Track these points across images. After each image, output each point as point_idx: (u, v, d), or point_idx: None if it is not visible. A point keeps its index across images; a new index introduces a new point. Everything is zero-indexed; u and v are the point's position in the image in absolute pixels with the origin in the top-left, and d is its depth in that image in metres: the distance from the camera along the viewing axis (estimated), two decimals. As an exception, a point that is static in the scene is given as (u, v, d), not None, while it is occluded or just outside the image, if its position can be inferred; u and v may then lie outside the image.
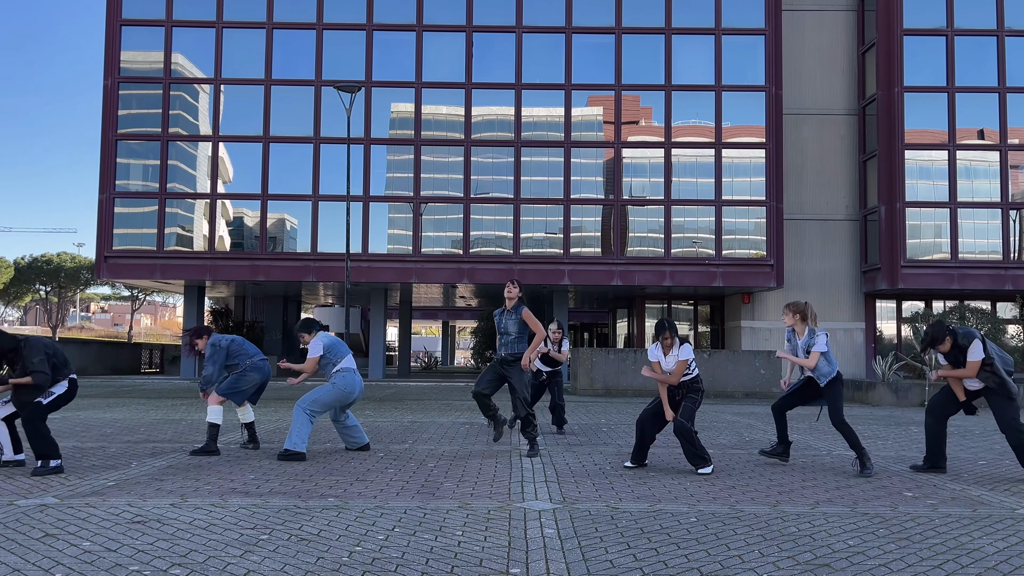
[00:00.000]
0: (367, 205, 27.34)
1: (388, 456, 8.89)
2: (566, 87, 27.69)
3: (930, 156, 27.53)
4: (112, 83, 27.39)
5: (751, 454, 9.46)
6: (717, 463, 8.69)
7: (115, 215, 27.24)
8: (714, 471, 8.04)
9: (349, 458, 8.72)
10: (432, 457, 8.85)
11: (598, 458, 8.96)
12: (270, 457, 8.72)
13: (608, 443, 10.31)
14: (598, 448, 9.83)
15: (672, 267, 27.13)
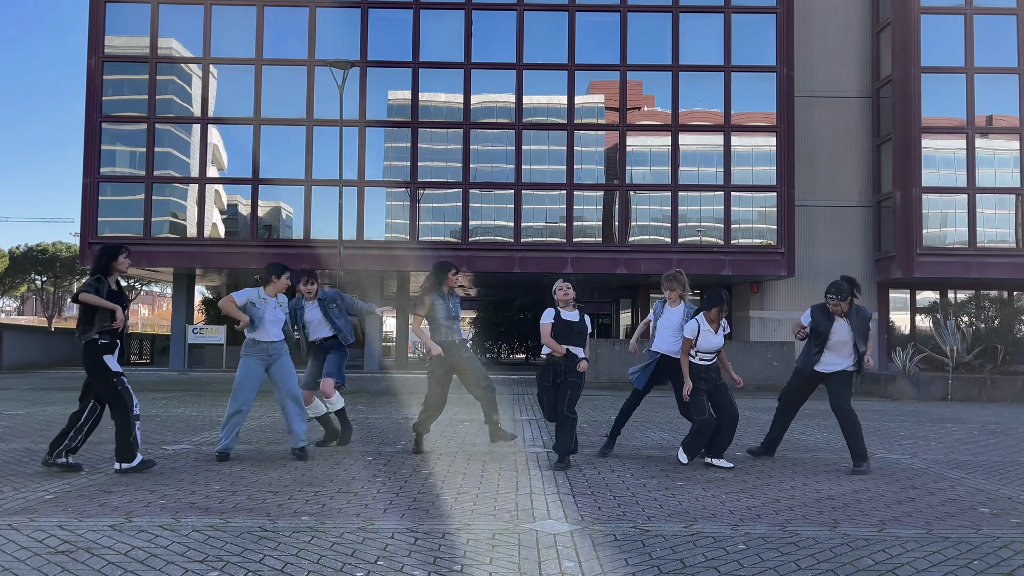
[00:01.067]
0: (362, 190, 26.27)
1: (377, 461, 7.88)
2: (569, 67, 26.59)
3: (947, 140, 26.48)
4: (96, 62, 26.27)
5: (782, 454, 8.46)
6: (746, 466, 7.70)
7: (100, 200, 26.16)
8: (743, 474, 7.06)
9: (334, 463, 7.71)
10: (427, 462, 7.84)
11: (615, 463, 7.95)
12: (251, 461, 7.71)
13: (623, 444, 9.30)
14: (613, 450, 8.83)
15: (679, 255, 26.08)
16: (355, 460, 7.91)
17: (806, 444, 9.63)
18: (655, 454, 8.58)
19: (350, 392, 17.31)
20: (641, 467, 7.72)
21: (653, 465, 7.85)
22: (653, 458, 8.29)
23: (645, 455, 8.50)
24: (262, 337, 7.93)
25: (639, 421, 11.95)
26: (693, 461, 7.84)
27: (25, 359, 28.03)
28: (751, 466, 7.91)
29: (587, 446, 8.99)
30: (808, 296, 27.61)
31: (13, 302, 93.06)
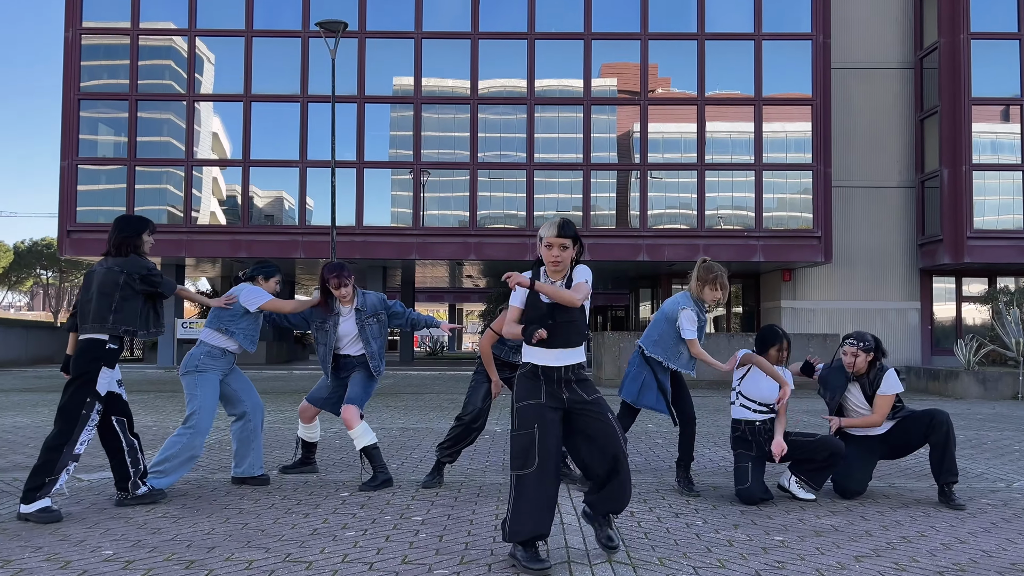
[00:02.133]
0: (361, 172, 24.23)
1: (353, 499, 5.84)
2: (585, 36, 24.46)
3: (1000, 112, 24.25)
4: (74, 35, 24.29)
5: (892, 481, 6.41)
6: (840, 505, 5.64)
7: (79, 184, 24.21)
8: (854, 517, 5.00)
9: (295, 501, 5.69)
10: (422, 500, 5.81)
11: (676, 501, 5.89)
12: (184, 499, 5.69)
13: (670, 464, 7.26)
14: (665, 477, 6.76)
15: (706, 240, 23.99)
16: (324, 496, 5.88)
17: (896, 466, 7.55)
18: (722, 483, 6.53)
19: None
20: (713, 507, 5.66)
21: (727, 504, 5.79)
22: (722, 491, 6.23)
23: (709, 484, 6.45)
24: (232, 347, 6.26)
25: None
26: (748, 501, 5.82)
27: (1, 356, 26.14)
28: (856, 507, 5.84)
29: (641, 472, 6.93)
30: (844, 285, 25.47)
31: (23, 297, 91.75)
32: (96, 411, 5.36)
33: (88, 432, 5.33)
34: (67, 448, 5.22)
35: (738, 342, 19.18)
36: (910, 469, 7.32)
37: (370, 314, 6.41)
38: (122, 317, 5.43)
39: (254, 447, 6.36)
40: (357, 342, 6.44)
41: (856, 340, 6.06)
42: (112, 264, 5.54)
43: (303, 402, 6.76)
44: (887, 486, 6.52)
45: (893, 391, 6.01)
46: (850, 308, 25.63)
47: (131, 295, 5.49)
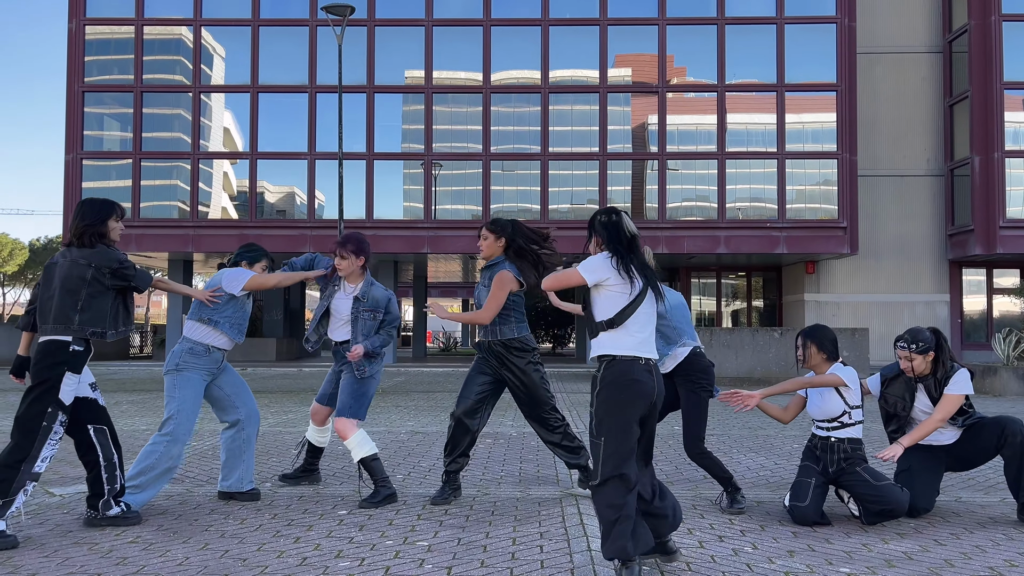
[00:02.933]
0: (371, 164, 23.58)
1: (352, 519, 5.16)
2: (601, 22, 23.69)
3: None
4: (77, 26, 23.75)
5: (958, 494, 5.68)
6: (923, 528, 4.91)
7: (84, 178, 23.68)
8: (928, 541, 4.28)
9: (286, 521, 5.01)
10: (428, 520, 5.12)
11: (716, 520, 5.18)
12: (162, 518, 5.03)
13: (701, 477, 6.56)
14: (701, 490, 6.05)
15: (727, 231, 23.20)
16: (320, 515, 5.20)
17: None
18: (766, 497, 5.81)
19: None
20: (761, 528, 4.94)
21: (776, 524, 5.07)
22: (767, 507, 5.51)
23: (753, 499, 5.73)
24: (218, 343, 5.52)
25: (717, 434, 9.15)
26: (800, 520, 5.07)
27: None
28: (925, 527, 5.12)
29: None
30: (870, 277, 24.63)
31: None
32: (59, 422, 4.72)
33: (51, 447, 4.69)
34: (25, 465, 4.59)
35: (762, 337, 18.44)
36: (975, 481, 6.58)
37: (369, 307, 5.74)
38: (89, 316, 4.82)
39: (245, 459, 5.71)
40: (346, 329, 5.82)
41: (908, 342, 5.30)
42: (77, 256, 4.88)
43: (313, 403, 6.18)
44: (953, 500, 5.80)
45: (962, 392, 5.28)
46: (876, 301, 24.78)
47: (100, 291, 4.87)
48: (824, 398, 5.20)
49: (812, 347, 5.19)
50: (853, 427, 5.17)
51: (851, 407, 5.14)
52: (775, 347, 18.34)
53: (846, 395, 5.15)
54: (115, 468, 4.95)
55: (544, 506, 5.53)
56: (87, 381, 4.95)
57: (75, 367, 4.77)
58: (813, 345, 5.19)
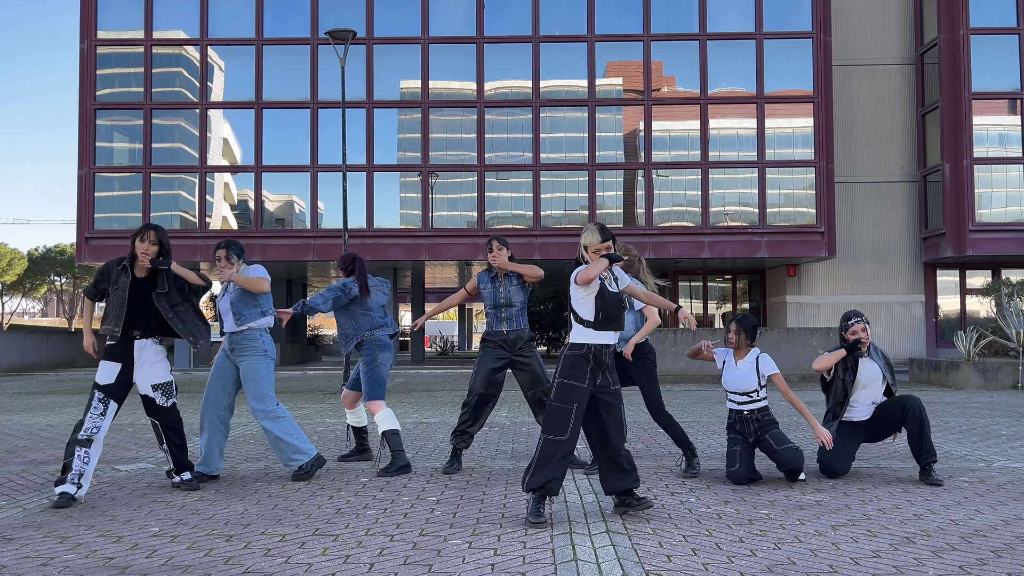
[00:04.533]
0: (371, 175, 24.73)
1: (373, 483, 6.30)
2: (589, 39, 24.88)
3: (1001, 106, 24.54)
4: (89, 47, 24.86)
5: (878, 463, 6.81)
6: (837, 484, 6.05)
7: (97, 192, 24.78)
8: (838, 493, 5.42)
9: (319, 486, 6.14)
10: (436, 484, 6.25)
11: (673, 483, 6.32)
12: (215, 487, 6.16)
13: (670, 451, 7.69)
14: (661, 461, 7.20)
15: (711, 237, 24.37)
16: (346, 482, 6.34)
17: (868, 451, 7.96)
18: (719, 466, 6.95)
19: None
20: (707, 487, 6.08)
21: (721, 484, 6.22)
22: (717, 473, 6.66)
23: (707, 468, 6.87)
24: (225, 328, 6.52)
25: (685, 421, 10.30)
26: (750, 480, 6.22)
27: (23, 361, 26.75)
28: (840, 485, 6.27)
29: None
30: (849, 279, 25.83)
31: (37, 304, 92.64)
32: (98, 399, 5.73)
33: (92, 419, 5.68)
34: (74, 433, 5.68)
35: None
36: (897, 452, 7.72)
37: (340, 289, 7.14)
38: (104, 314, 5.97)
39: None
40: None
41: (860, 316, 6.47)
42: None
43: (343, 390, 7.29)
44: (872, 467, 6.93)
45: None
46: (855, 302, 25.96)
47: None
48: (743, 374, 6.22)
49: (743, 334, 6.30)
50: (762, 400, 6.24)
51: (761, 386, 6.23)
52: (758, 346, 19.47)
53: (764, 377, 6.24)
54: (175, 451, 6.07)
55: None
56: (150, 381, 5.93)
57: (107, 356, 5.86)
58: (744, 332, 6.30)
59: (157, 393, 5.99)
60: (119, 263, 5.88)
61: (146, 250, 5.75)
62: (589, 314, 5.04)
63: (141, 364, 5.89)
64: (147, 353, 5.92)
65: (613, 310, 5.02)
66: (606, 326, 5.02)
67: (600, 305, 5.01)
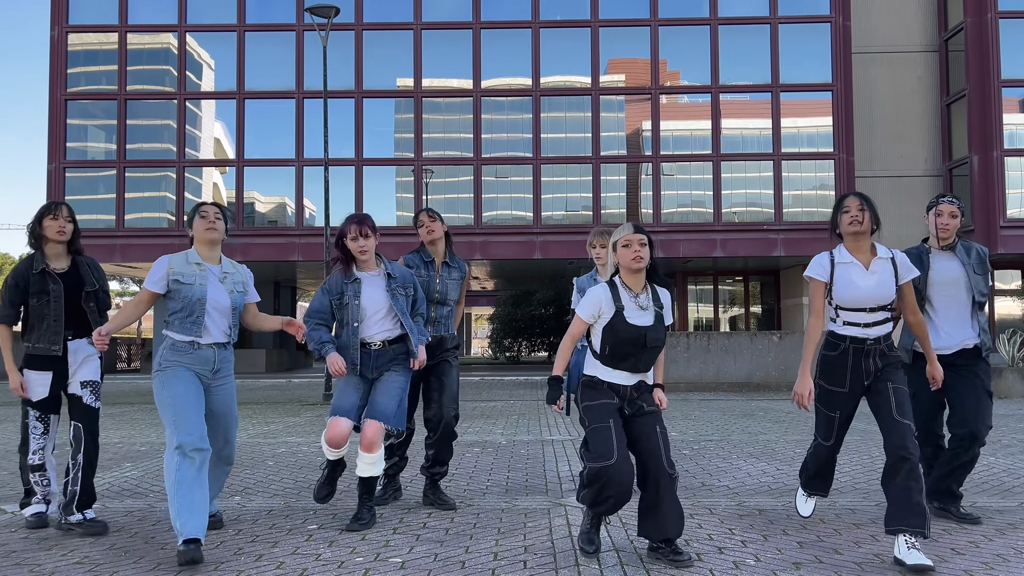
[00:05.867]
0: (360, 169, 23.21)
1: (321, 533, 4.74)
2: (592, 23, 23.38)
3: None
4: (59, 33, 23.38)
5: (974, 500, 5.28)
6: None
7: (67, 188, 23.28)
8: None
9: (251, 537, 4.59)
10: (404, 535, 4.70)
11: (717, 531, 4.77)
12: (139, 538, 4.62)
13: (714, 485, 6.14)
14: (699, 499, 5.64)
15: (723, 234, 22.85)
16: (288, 530, 4.79)
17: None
18: (769, 505, 5.40)
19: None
20: (763, 537, 4.52)
21: (780, 532, 4.66)
22: (769, 515, 5.10)
23: (754, 507, 5.31)
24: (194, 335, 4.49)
25: (711, 440, 8.75)
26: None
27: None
28: (942, 535, 4.72)
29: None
30: (870, 279, 24.27)
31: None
32: (35, 418, 4.93)
33: (36, 441, 4.94)
34: (22, 458, 5.04)
35: (761, 341, 18.05)
36: (988, 484, 6.18)
37: (400, 284, 4.92)
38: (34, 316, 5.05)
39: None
40: (389, 319, 4.87)
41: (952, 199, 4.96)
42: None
43: (332, 418, 4.83)
44: (969, 505, 5.40)
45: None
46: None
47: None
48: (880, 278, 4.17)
49: (867, 213, 4.27)
50: (889, 323, 4.25)
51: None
52: (774, 351, 17.94)
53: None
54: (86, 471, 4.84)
55: (531, 517, 5.12)
56: (79, 378, 4.94)
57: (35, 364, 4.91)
58: (870, 212, 4.28)
59: (86, 391, 4.94)
60: (33, 268, 4.90)
61: (61, 228, 4.88)
62: (596, 343, 4.12)
63: (75, 364, 4.99)
64: (82, 351, 5.00)
65: (627, 347, 4.01)
66: (619, 364, 4.05)
67: (609, 338, 4.03)
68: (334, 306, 4.89)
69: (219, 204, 4.64)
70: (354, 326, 4.83)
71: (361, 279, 4.85)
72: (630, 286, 4.15)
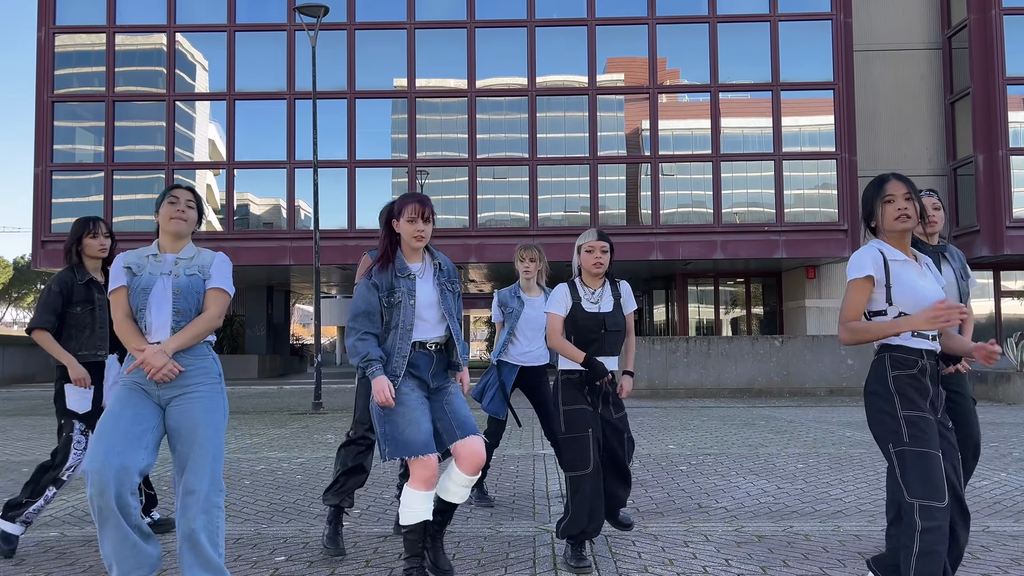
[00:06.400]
0: (352, 172, 22.79)
1: (288, 566, 4.30)
2: (588, 22, 22.96)
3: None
4: (47, 34, 22.97)
5: (985, 523, 4.83)
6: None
7: (54, 192, 22.86)
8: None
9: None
10: (377, 567, 4.26)
11: (712, 562, 4.32)
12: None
13: (716, 501, 5.69)
14: (694, 522, 5.19)
15: (723, 236, 22.41)
16: (252, 563, 4.35)
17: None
18: (768, 531, 4.96)
19: (329, 411, 13.83)
20: (762, 570, 4.09)
21: (780, 564, 4.22)
22: (769, 543, 4.66)
23: (753, 533, 4.88)
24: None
25: (710, 453, 8.31)
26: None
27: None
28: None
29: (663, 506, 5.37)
30: (873, 281, 23.80)
31: (25, 314, 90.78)
32: (79, 431, 4.73)
33: (76, 456, 4.71)
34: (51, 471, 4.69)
35: (762, 346, 17.64)
36: (1001, 505, 5.74)
37: (448, 278, 4.10)
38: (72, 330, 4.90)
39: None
40: (438, 319, 4.02)
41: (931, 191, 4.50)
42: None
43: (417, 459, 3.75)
44: (980, 530, 4.96)
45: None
46: (879, 306, 23.95)
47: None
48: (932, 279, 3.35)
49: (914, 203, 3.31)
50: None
51: None
52: (776, 356, 17.54)
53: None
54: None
55: (514, 547, 4.69)
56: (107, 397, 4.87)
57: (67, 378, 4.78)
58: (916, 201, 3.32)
59: None
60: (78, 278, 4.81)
61: (103, 245, 4.90)
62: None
63: (107, 382, 4.88)
64: (113, 370, 4.90)
65: (589, 333, 4.38)
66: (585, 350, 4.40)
67: (570, 327, 4.39)
68: (382, 305, 3.93)
69: (193, 189, 3.84)
70: (406, 329, 3.89)
71: (415, 275, 3.99)
72: (589, 285, 4.47)
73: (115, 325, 3.64)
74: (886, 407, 3.12)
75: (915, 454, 3.01)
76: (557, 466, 7.60)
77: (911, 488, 2.97)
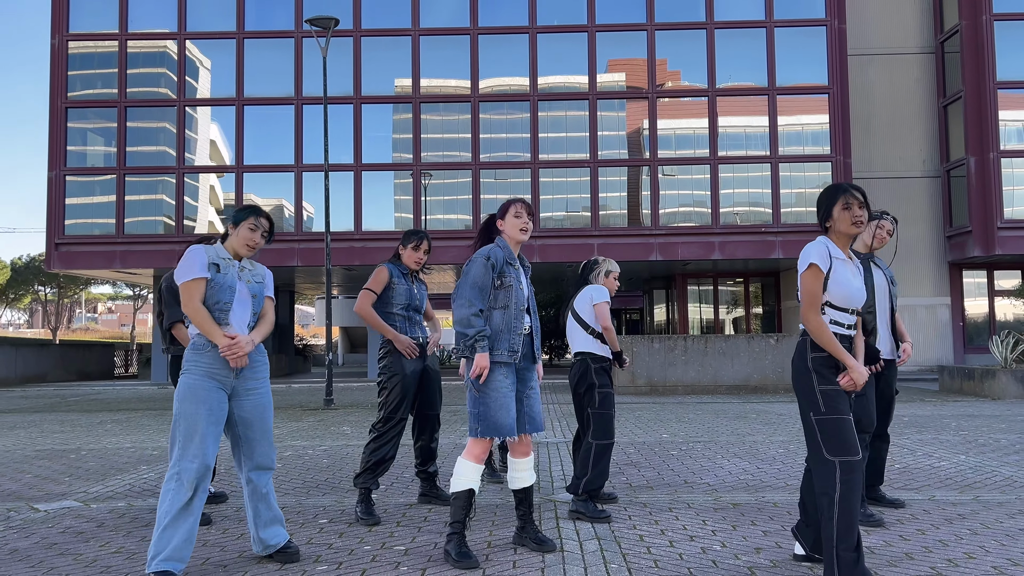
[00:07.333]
0: (359, 175, 23.39)
1: (332, 527, 4.89)
2: (589, 28, 23.55)
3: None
4: (60, 42, 23.60)
5: (932, 493, 5.40)
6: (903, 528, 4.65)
7: (67, 195, 23.48)
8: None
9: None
10: (407, 527, 4.85)
11: (691, 523, 4.91)
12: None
13: (693, 483, 6.28)
14: (680, 495, 5.78)
15: (721, 237, 22.98)
16: (300, 524, 4.93)
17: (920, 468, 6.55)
18: (743, 500, 5.55)
19: (341, 407, 14.41)
20: (733, 528, 4.67)
21: (748, 524, 4.81)
22: (743, 508, 5.25)
23: (730, 502, 5.46)
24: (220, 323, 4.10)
25: (700, 441, 8.89)
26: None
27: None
28: (894, 524, 4.86)
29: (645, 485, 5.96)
30: (868, 280, 24.33)
31: (22, 315, 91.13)
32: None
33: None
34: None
35: (758, 344, 18.18)
36: (951, 480, 6.32)
37: (527, 277, 4.46)
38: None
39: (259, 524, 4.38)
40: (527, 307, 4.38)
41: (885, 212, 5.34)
42: None
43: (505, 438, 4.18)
44: (926, 499, 5.54)
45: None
46: (874, 305, 24.48)
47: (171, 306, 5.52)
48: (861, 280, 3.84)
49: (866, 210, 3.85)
50: None
51: None
52: (771, 353, 18.07)
53: None
54: None
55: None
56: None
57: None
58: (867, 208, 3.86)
59: None
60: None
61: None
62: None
63: None
64: None
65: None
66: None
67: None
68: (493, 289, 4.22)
69: (271, 219, 4.24)
70: (520, 309, 4.20)
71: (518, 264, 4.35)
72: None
73: (194, 311, 3.89)
74: (807, 382, 3.62)
75: (830, 420, 3.54)
76: (559, 450, 8.17)
77: (830, 448, 3.52)
